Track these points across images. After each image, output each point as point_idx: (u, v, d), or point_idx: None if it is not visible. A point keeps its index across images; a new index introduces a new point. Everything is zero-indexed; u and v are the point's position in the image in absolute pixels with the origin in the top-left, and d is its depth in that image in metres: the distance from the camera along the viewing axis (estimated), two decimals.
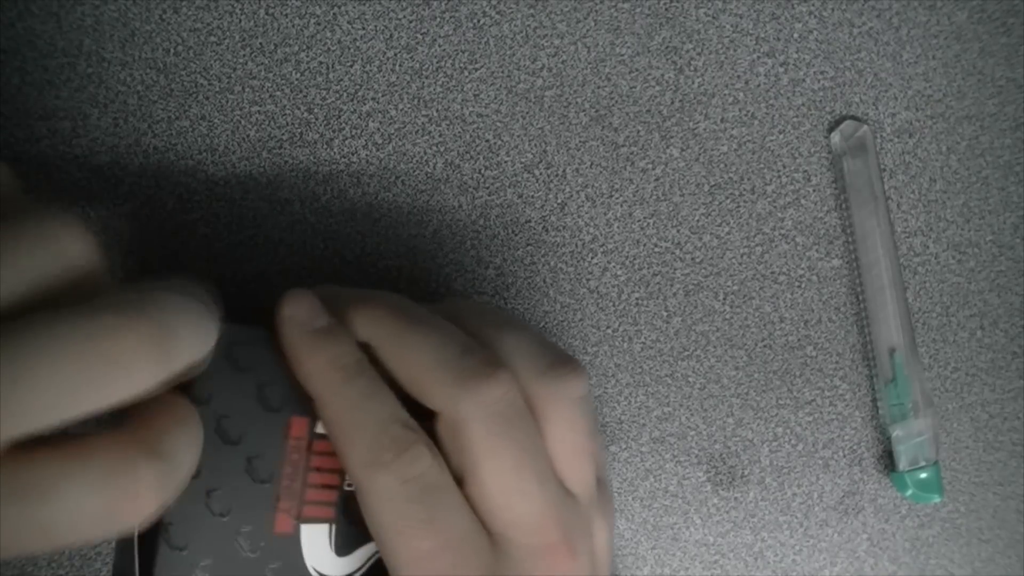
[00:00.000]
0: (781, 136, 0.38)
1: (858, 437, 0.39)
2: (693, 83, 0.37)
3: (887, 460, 0.39)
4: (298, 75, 0.35)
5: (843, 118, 0.38)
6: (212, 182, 0.35)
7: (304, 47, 0.35)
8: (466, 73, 0.36)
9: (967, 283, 0.39)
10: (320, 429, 0.29)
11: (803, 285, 0.38)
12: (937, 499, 0.38)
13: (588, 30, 0.36)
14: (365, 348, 0.29)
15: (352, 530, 0.29)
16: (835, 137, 0.38)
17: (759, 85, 0.38)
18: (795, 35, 0.38)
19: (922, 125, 0.39)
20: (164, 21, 0.34)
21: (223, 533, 0.28)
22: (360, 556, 0.30)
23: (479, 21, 0.36)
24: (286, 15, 0.35)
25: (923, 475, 0.38)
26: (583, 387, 0.29)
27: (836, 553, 0.39)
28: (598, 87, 0.37)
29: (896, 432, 0.38)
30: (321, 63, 0.35)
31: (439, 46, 0.36)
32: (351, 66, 0.35)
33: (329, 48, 0.35)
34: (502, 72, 0.36)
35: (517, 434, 0.28)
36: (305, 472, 0.29)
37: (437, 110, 0.36)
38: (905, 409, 0.38)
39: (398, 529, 0.27)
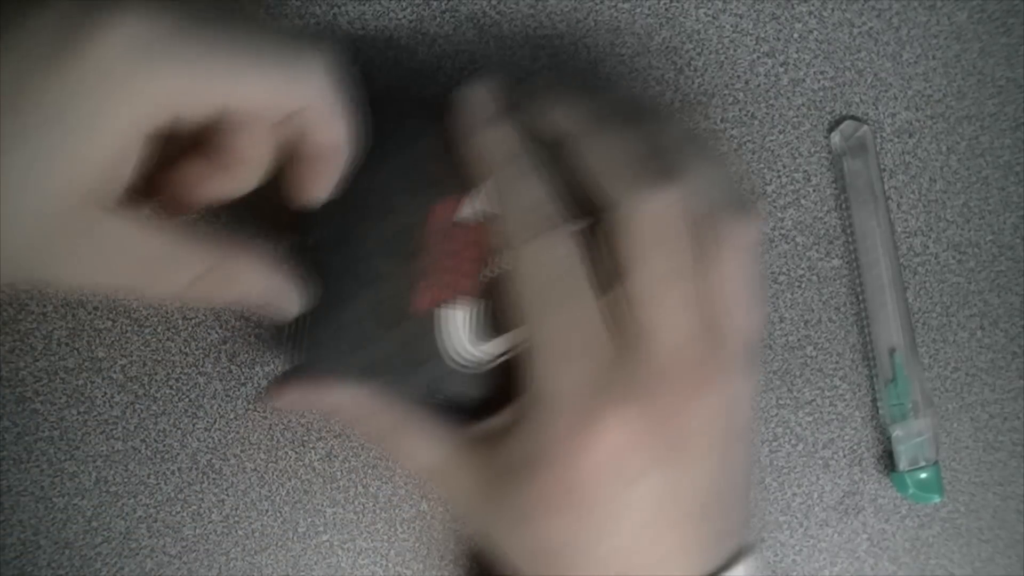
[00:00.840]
0: (781, 136, 0.38)
1: (858, 437, 0.39)
2: (693, 83, 0.37)
3: (887, 460, 0.39)
4: None
5: (843, 118, 0.38)
6: None
7: None
8: (466, 73, 0.36)
9: (967, 283, 0.39)
10: (466, 214, 0.30)
11: (803, 285, 0.38)
12: (937, 499, 0.38)
13: (588, 30, 0.36)
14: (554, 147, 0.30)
15: (491, 317, 0.30)
16: (835, 137, 0.38)
17: (759, 85, 0.38)
18: (795, 35, 0.38)
19: (922, 125, 0.39)
20: None
21: (364, 301, 0.29)
22: (496, 345, 0.30)
23: (479, 21, 0.36)
24: (286, 15, 0.35)
25: (923, 475, 0.38)
26: (755, 237, 0.29)
27: (836, 553, 0.39)
28: (598, 87, 0.37)
29: (896, 432, 0.38)
30: None
31: (439, 46, 0.36)
32: (351, 66, 0.35)
33: None
34: (502, 72, 0.36)
35: (675, 249, 0.27)
36: (446, 255, 0.30)
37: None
38: (905, 409, 0.38)
39: (529, 308, 0.28)
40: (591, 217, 0.28)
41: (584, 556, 0.28)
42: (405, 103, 0.33)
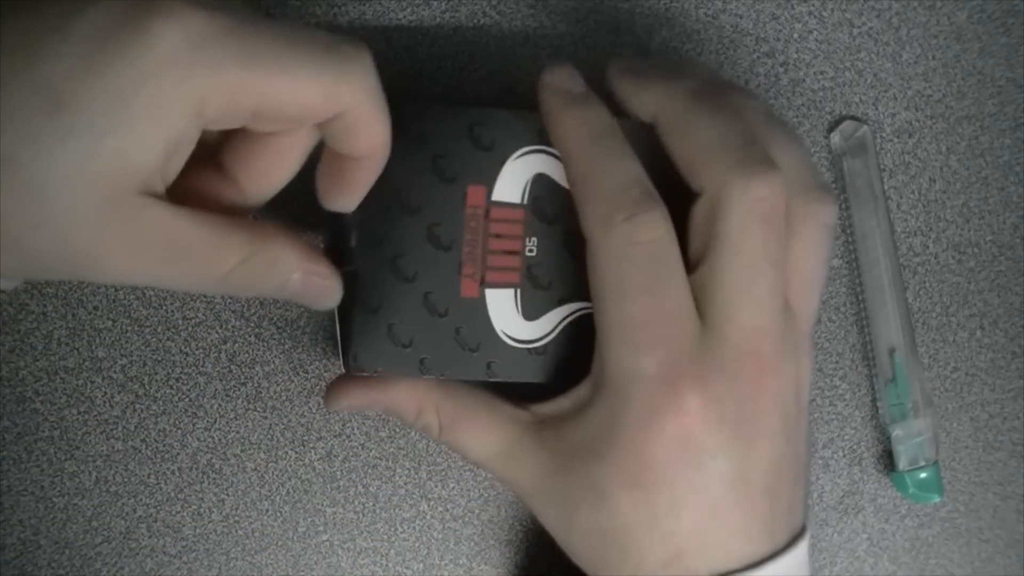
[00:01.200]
0: None
1: (858, 437, 0.39)
2: None
3: (887, 460, 0.39)
4: None
5: (843, 118, 0.38)
6: None
7: None
8: (466, 73, 0.36)
9: (967, 283, 0.39)
10: (496, 197, 0.30)
11: None
12: (937, 499, 0.38)
13: (588, 30, 0.36)
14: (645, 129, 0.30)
15: (538, 295, 0.31)
16: (835, 137, 0.38)
17: (759, 85, 0.38)
18: (795, 35, 0.38)
19: (922, 125, 0.39)
20: None
21: (411, 296, 0.30)
22: (547, 322, 0.31)
23: (479, 21, 0.36)
24: (286, 15, 0.35)
25: (923, 475, 0.38)
26: (835, 215, 0.30)
27: (836, 553, 0.39)
28: (599, 88, 0.37)
29: (896, 432, 0.38)
30: None
31: (439, 46, 0.36)
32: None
33: None
34: (502, 72, 0.36)
35: (768, 238, 0.28)
36: (485, 238, 0.30)
37: None
38: (905, 409, 0.38)
39: (615, 289, 0.28)
40: (674, 198, 0.29)
41: (647, 534, 0.28)
42: (419, 95, 0.33)
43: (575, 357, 0.31)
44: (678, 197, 0.29)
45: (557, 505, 0.30)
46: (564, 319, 0.31)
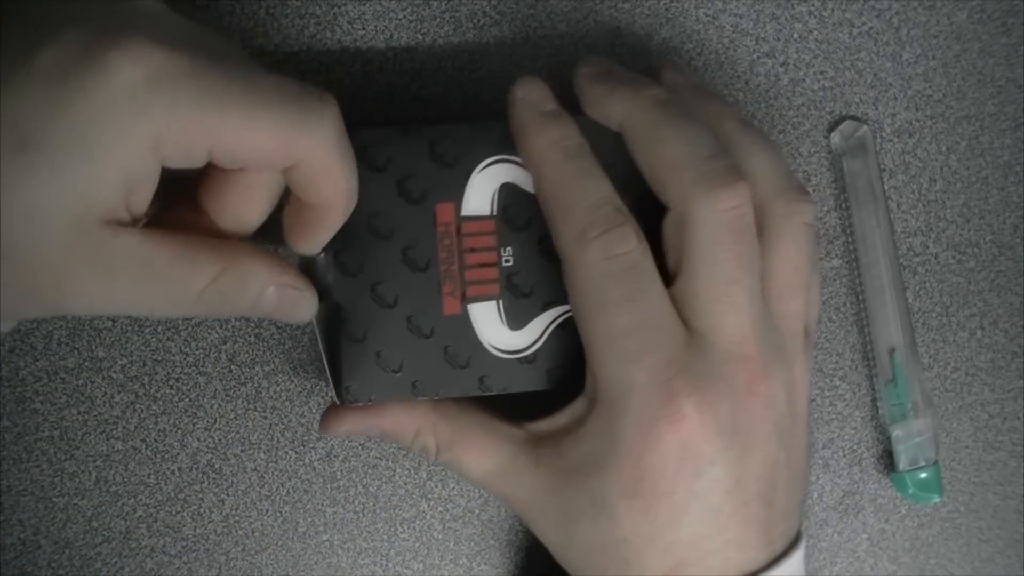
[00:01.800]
0: (781, 136, 0.38)
1: (858, 437, 0.39)
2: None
3: (887, 460, 0.39)
4: (298, 75, 0.35)
5: (843, 118, 0.38)
6: None
7: (304, 47, 0.35)
8: (466, 73, 0.36)
9: (967, 283, 0.39)
10: (466, 211, 0.30)
11: None
12: (937, 499, 0.38)
13: (588, 30, 0.36)
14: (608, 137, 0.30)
15: (520, 303, 0.31)
16: (835, 137, 0.38)
17: (759, 85, 0.38)
18: (795, 35, 0.38)
19: (922, 125, 0.39)
20: None
21: (395, 321, 0.30)
22: (534, 329, 0.31)
23: (479, 21, 0.36)
24: (286, 15, 0.35)
25: (923, 475, 0.38)
26: (813, 214, 0.30)
27: (836, 553, 0.39)
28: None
29: (896, 432, 0.38)
30: (321, 63, 0.35)
31: (439, 46, 0.36)
32: (351, 66, 0.35)
33: (329, 48, 0.35)
34: (502, 72, 0.36)
35: (740, 248, 0.28)
36: (461, 254, 0.30)
37: (437, 111, 0.36)
38: (905, 409, 0.38)
39: (597, 304, 0.28)
40: (646, 211, 0.29)
41: (648, 546, 0.28)
42: (367, 123, 0.33)
43: (566, 360, 0.31)
44: (655, 199, 0.29)
45: (556, 521, 0.30)
46: (550, 324, 0.31)
